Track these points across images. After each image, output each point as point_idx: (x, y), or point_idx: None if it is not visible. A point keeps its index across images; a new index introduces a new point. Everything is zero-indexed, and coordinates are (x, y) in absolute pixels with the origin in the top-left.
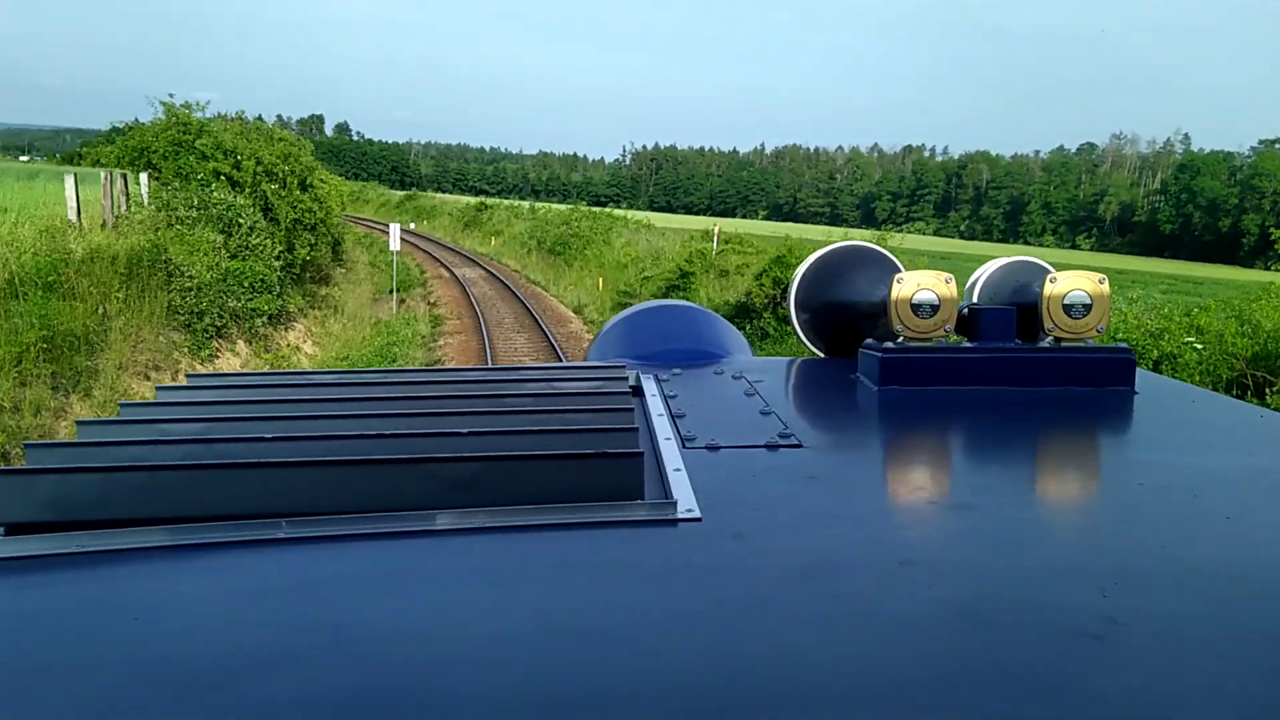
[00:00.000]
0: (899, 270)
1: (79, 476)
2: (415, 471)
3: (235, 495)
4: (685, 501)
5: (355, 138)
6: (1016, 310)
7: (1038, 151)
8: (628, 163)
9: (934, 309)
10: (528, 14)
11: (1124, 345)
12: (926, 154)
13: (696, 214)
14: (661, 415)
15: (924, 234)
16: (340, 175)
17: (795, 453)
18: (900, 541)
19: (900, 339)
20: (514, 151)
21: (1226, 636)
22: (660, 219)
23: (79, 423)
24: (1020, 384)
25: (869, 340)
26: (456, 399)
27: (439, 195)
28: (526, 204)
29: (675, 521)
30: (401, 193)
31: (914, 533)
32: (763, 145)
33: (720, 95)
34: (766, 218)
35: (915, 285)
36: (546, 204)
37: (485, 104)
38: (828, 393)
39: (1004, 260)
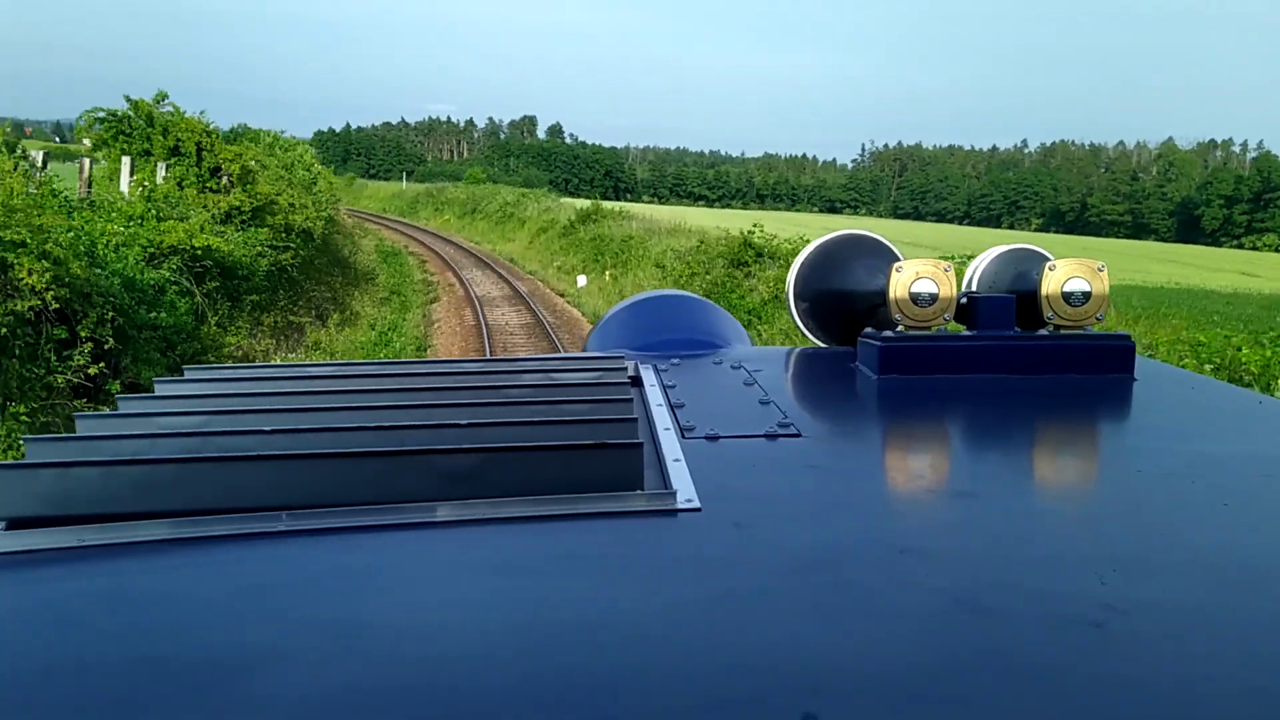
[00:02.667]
0: (898, 259)
1: (78, 471)
2: (415, 463)
3: (235, 488)
4: (685, 492)
5: (569, 140)
6: (1015, 298)
7: None
8: (867, 163)
9: (933, 298)
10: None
11: (1123, 333)
12: (1236, 149)
13: (950, 222)
14: (660, 405)
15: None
16: (549, 183)
17: (794, 442)
18: (900, 530)
19: (899, 328)
20: (735, 155)
21: (1226, 623)
22: (908, 229)
23: (77, 417)
24: (1019, 372)
25: (868, 329)
26: (455, 390)
27: (635, 206)
28: (695, 210)
29: (675, 512)
30: (581, 201)
31: (913, 521)
32: (1024, 142)
33: (971, 89)
34: (1042, 228)
35: (914, 274)
36: (745, 209)
37: (705, 108)
38: (827, 382)
39: (1003, 248)
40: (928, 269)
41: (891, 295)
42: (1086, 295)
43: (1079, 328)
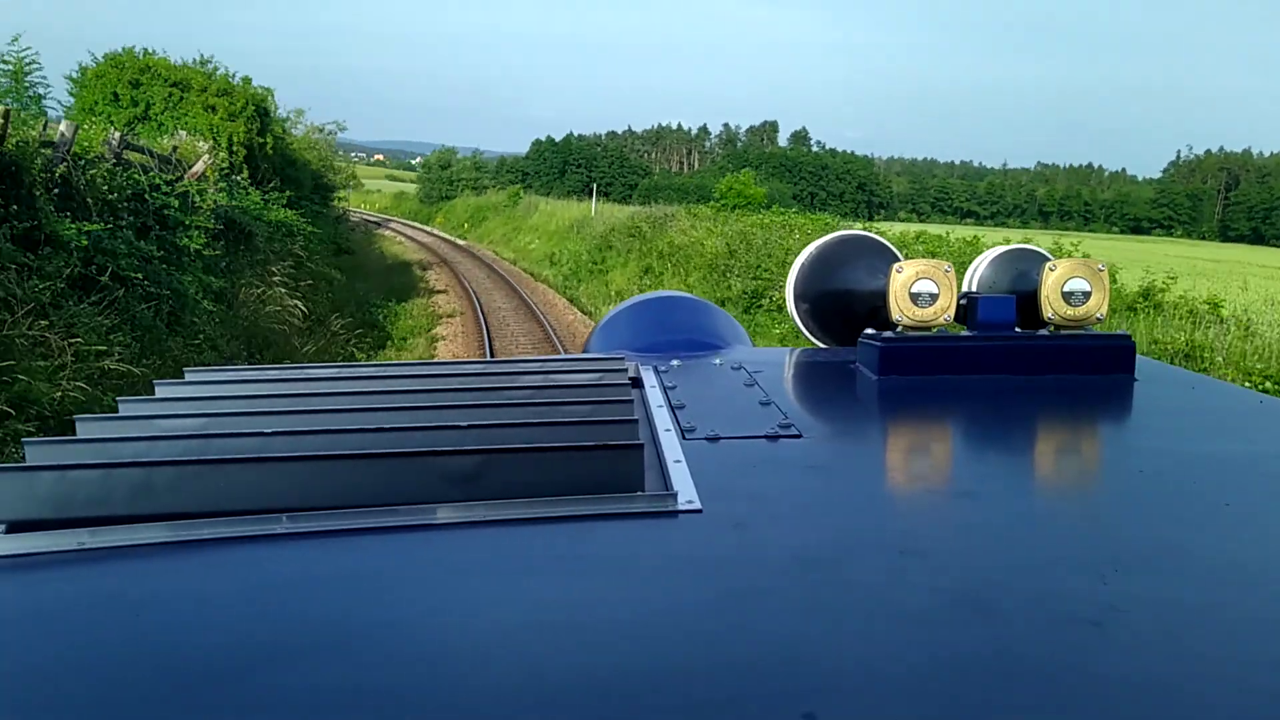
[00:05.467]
0: (898, 259)
1: (79, 473)
2: (415, 465)
3: (235, 490)
4: (685, 493)
5: (814, 148)
6: (1016, 299)
7: None
8: (1180, 175)
9: (933, 298)
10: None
11: (1124, 333)
12: None
13: None
14: (661, 406)
15: None
16: (793, 197)
17: (795, 443)
18: (900, 530)
19: (900, 328)
20: (993, 166)
21: (1226, 623)
22: (1248, 255)
23: (77, 419)
24: (1020, 372)
25: (868, 329)
26: (456, 392)
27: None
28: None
29: (675, 513)
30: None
31: (914, 521)
32: None
33: None
34: None
35: (914, 274)
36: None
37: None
38: (827, 382)
39: (1003, 248)
40: (928, 269)
41: (892, 295)
42: (1087, 295)
43: (1079, 328)
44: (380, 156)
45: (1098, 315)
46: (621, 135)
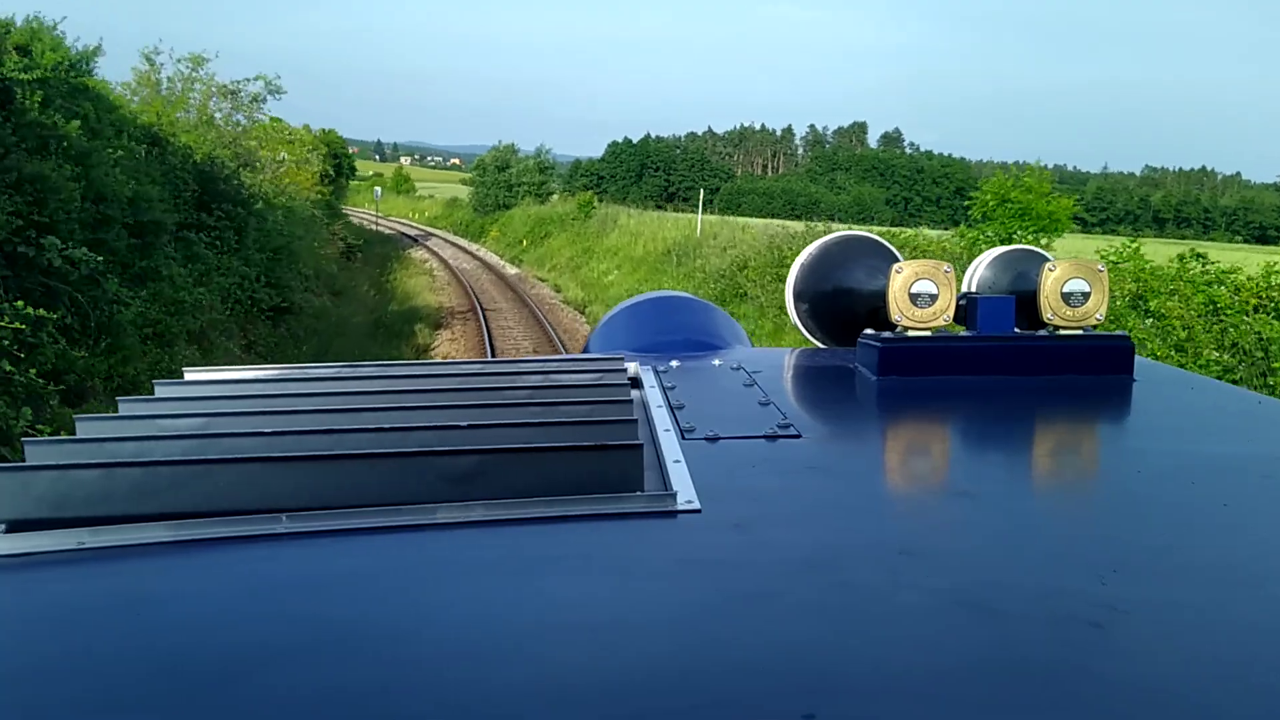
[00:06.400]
0: (898, 260)
1: (78, 473)
2: (415, 465)
3: (235, 490)
4: (685, 493)
5: (907, 149)
6: (1015, 299)
7: None
8: None
9: (932, 298)
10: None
11: (1122, 333)
12: None
13: None
14: (660, 407)
15: None
16: (886, 202)
17: (794, 443)
18: (900, 531)
19: (899, 329)
20: (1089, 170)
21: (1226, 624)
22: None
23: (77, 418)
24: (1019, 373)
25: (868, 330)
26: (455, 392)
27: None
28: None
29: (675, 513)
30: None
31: (914, 522)
32: None
33: None
34: None
35: (913, 275)
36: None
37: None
38: (827, 383)
39: (1002, 249)
40: (927, 270)
41: (891, 296)
42: (1086, 295)
43: (1078, 328)
44: (456, 160)
45: (1097, 316)
46: (702, 137)
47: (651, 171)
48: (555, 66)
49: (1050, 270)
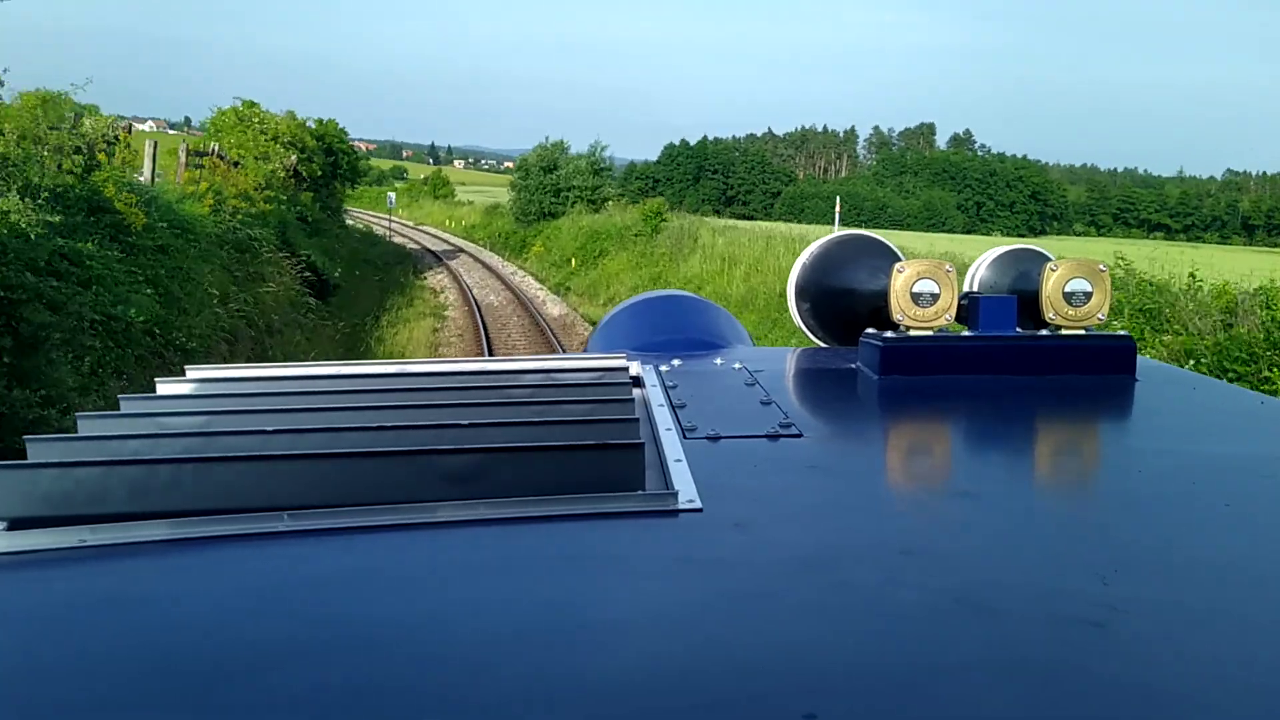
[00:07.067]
0: (899, 259)
1: (80, 471)
2: (416, 464)
3: (236, 488)
4: (686, 492)
5: (978, 151)
6: (1017, 299)
7: None
8: None
9: (934, 298)
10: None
11: (1124, 333)
12: None
13: None
14: (662, 406)
15: None
16: (957, 206)
17: (796, 442)
18: (901, 530)
19: (901, 328)
20: (1162, 174)
21: (1227, 624)
22: None
23: (79, 416)
24: (1021, 372)
25: (869, 329)
26: (457, 390)
27: None
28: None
29: (676, 512)
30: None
31: (915, 521)
32: None
33: None
34: None
35: (915, 274)
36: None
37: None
38: (828, 382)
39: (1004, 248)
40: (929, 269)
41: (893, 295)
42: (1088, 295)
43: (1080, 328)
44: (510, 165)
45: (1099, 316)
46: (761, 138)
47: (709, 174)
48: (611, 69)
49: (1052, 270)
